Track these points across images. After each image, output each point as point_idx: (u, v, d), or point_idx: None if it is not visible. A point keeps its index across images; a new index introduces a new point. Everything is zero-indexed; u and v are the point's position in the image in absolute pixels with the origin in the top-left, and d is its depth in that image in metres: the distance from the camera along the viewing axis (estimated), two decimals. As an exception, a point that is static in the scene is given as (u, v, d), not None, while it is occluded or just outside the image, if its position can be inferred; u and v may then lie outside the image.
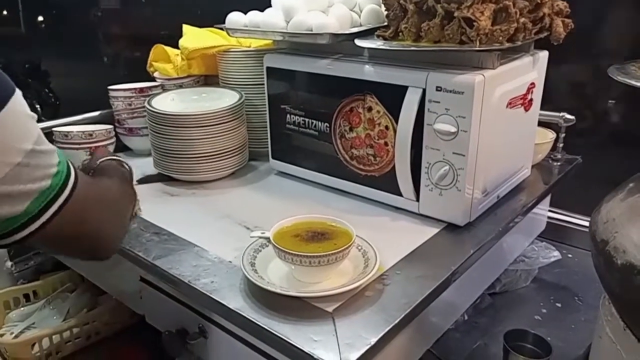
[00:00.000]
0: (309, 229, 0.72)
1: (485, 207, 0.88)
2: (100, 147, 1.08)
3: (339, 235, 0.70)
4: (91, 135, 1.06)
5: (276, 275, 0.71)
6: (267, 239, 0.70)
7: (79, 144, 1.06)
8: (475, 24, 0.73)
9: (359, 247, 0.74)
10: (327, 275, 0.69)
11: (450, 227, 0.85)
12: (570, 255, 1.17)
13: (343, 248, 0.66)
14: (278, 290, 0.66)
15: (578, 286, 1.08)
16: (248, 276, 0.68)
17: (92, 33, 2.30)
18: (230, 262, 0.76)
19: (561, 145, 1.11)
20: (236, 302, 0.67)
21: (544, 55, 0.93)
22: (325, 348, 0.59)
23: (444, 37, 0.77)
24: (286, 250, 0.66)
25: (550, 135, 1.09)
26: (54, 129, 1.08)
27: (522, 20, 0.78)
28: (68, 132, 1.05)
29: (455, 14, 0.75)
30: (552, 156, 1.12)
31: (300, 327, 0.62)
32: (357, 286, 0.67)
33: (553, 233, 1.19)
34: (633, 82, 0.57)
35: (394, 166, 0.86)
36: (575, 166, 1.11)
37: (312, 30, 0.88)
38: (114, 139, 1.15)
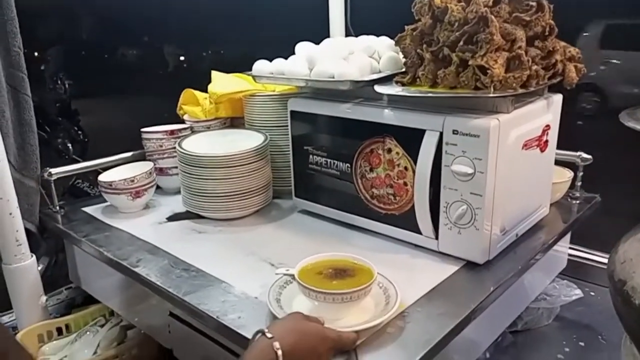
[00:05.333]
0: (332, 267, 0.75)
1: (504, 246, 0.90)
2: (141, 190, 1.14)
3: (361, 273, 0.73)
4: (133, 181, 1.12)
5: (301, 310, 0.73)
6: (292, 275, 0.73)
7: (122, 189, 1.12)
8: (489, 71, 0.77)
9: (380, 285, 0.76)
10: (350, 312, 0.72)
11: (470, 265, 0.87)
12: (592, 293, 1.16)
13: (365, 285, 0.69)
14: (303, 326, 0.68)
15: (601, 325, 1.07)
16: (274, 312, 0.71)
17: (118, 75, 2.42)
18: (256, 297, 0.79)
19: (579, 183, 1.12)
20: (262, 337, 0.70)
21: (558, 98, 0.96)
22: (349, 383, 0.61)
23: (460, 84, 0.81)
24: (311, 287, 0.69)
25: (568, 174, 1.10)
26: (99, 178, 1.15)
27: (534, 67, 0.82)
28: (112, 181, 1.11)
29: (470, 62, 0.79)
30: (570, 194, 1.13)
31: (324, 363, 0.64)
32: (378, 323, 0.69)
33: (574, 270, 1.18)
34: (641, 128, 0.60)
35: (413, 205, 0.89)
36: (594, 204, 1.12)
37: (334, 78, 0.93)
38: (154, 180, 1.18)
